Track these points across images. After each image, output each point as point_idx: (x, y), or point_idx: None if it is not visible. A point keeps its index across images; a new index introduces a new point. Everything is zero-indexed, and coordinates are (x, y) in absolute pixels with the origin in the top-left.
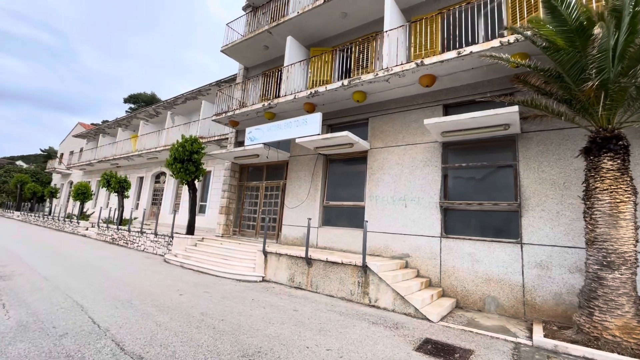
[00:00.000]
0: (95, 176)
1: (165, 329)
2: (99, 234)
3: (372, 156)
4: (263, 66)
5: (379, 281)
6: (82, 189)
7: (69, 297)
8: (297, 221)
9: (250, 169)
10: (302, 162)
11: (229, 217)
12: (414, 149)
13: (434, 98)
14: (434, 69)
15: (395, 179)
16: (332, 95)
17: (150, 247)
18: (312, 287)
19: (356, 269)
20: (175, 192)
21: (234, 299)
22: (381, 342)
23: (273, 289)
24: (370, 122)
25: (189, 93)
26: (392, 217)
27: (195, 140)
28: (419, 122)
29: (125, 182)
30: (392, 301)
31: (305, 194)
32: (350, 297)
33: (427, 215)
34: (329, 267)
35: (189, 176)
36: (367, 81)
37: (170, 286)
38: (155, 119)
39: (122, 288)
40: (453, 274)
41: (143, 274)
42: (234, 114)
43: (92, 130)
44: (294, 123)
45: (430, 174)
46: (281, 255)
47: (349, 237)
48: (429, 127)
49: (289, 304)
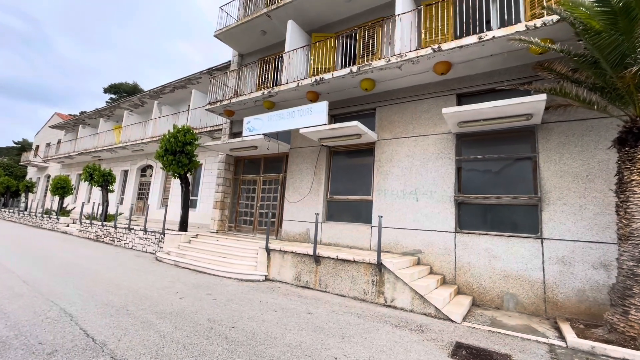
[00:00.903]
0: (74, 169)
1: (171, 340)
2: (82, 230)
3: (380, 148)
4: (259, 53)
5: (395, 280)
6: (62, 183)
7: (54, 305)
8: (298, 216)
9: (246, 162)
10: (303, 155)
11: (224, 212)
12: (426, 141)
13: (446, 87)
14: (451, 55)
15: (406, 172)
16: (339, 83)
17: (139, 244)
18: (321, 287)
19: (370, 267)
20: (163, 186)
21: (241, 301)
22: (413, 350)
23: (279, 289)
24: (377, 112)
25: (178, 81)
26: (402, 211)
27: (188, 130)
28: (431, 113)
29: (109, 175)
30: (411, 301)
31: (308, 188)
32: (364, 296)
33: (440, 209)
34: (339, 265)
35: (182, 169)
36: (377, 68)
37: (168, 288)
38: (140, 109)
39: (115, 292)
40: (469, 271)
41: (135, 274)
42: (230, 103)
43: (70, 121)
44: (298, 112)
45: (443, 167)
46: (286, 253)
47: (356, 233)
48: (447, 117)
49: (300, 306)
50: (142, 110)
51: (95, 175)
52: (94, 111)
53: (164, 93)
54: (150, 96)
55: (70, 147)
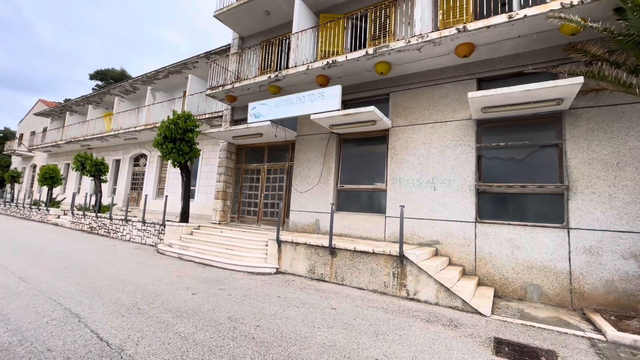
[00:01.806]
0: (62, 159)
1: (194, 343)
2: (74, 222)
3: (395, 135)
4: (261, 35)
5: (418, 272)
6: (50, 173)
7: (58, 304)
8: (307, 206)
9: (248, 150)
10: (311, 142)
11: (226, 202)
12: (444, 127)
13: (466, 71)
14: (476, 37)
15: (422, 160)
16: (352, 66)
17: (137, 236)
18: (337, 279)
19: (390, 258)
20: (158, 176)
21: (257, 296)
22: (454, 348)
23: (293, 282)
24: (391, 98)
25: (172, 66)
26: (418, 201)
27: (189, 116)
28: (449, 98)
29: (102, 165)
30: (435, 294)
31: (317, 177)
32: (384, 289)
33: (460, 198)
34: (357, 257)
35: (182, 157)
36: (396, 49)
37: (177, 283)
38: (132, 95)
39: (121, 288)
40: (490, 262)
41: (139, 268)
42: (233, 88)
43: (56, 108)
44: (308, 97)
45: (463, 155)
46: (299, 245)
47: (369, 223)
48: (472, 102)
49: (321, 301)
50: (134, 96)
51: (87, 164)
52: (81, 97)
53: (158, 78)
54: (142, 82)
55: (57, 136)
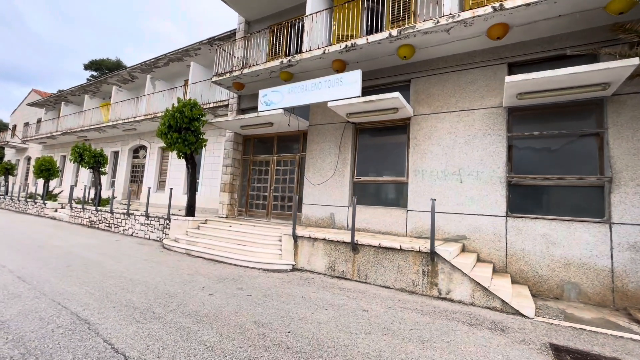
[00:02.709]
0: (57, 150)
1: (223, 354)
2: (73, 216)
3: (417, 124)
4: (269, 20)
5: (450, 270)
6: (46, 165)
7: (64, 308)
8: (321, 200)
9: (255, 141)
10: (325, 132)
11: (233, 195)
12: (471, 116)
13: (496, 55)
14: (513, 16)
15: (447, 150)
16: (373, 49)
17: (140, 231)
18: (360, 277)
19: (419, 255)
20: (159, 168)
21: (279, 297)
22: (513, 356)
23: (313, 280)
24: (412, 85)
25: (173, 53)
26: (443, 194)
27: (195, 104)
28: (477, 84)
29: (101, 156)
30: (471, 293)
31: (331, 169)
32: (413, 288)
33: (489, 191)
34: (381, 253)
35: (188, 148)
36: (422, 31)
37: (190, 282)
38: (130, 84)
39: (130, 288)
40: (522, 258)
41: (146, 266)
42: (242, 74)
43: (51, 98)
44: (325, 83)
45: (492, 145)
46: (317, 240)
47: (389, 217)
48: (509, 86)
49: (349, 302)
50: (132, 85)
51: (85, 155)
52: (77, 87)
53: (157, 66)
54: (141, 70)
55: (53, 127)
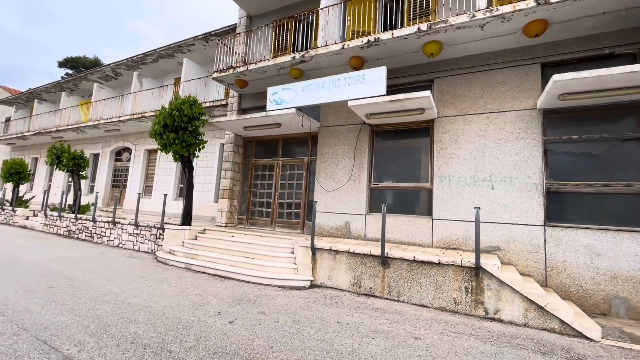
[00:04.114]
0: (28, 152)
1: None
2: (47, 225)
3: (441, 126)
4: (273, 15)
5: (499, 287)
6: (17, 168)
7: (53, 350)
8: (334, 207)
9: (257, 144)
10: (338, 134)
11: (232, 202)
12: (502, 118)
13: (528, 55)
14: (556, 12)
15: (476, 154)
16: (397, 45)
17: (128, 241)
18: (392, 295)
19: (461, 270)
20: (145, 172)
21: (312, 323)
22: None
23: (339, 298)
24: (435, 85)
25: (163, 49)
26: (473, 201)
27: (195, 101)
28: (508, 85)
29: (81, 158)
30: (523, 313)
31: (346, 174)
32: (455, 307)
33: (524, 198)
34: (416, 268)
35: (186, 150)
36: (455, 26)
37: (202, 306)
38: (113, 81)
39: (132, 317)
40: (564, 271)
41: (144, 285)
42: (247, 70)
43: (22, 95)
44: (345, 81)
45: (527, 149)
46: (339, 253)
47: (412, 227)
48: (559, 85)
49: (393, 327)
50: (116, 83)
51: (63, 157)
52: (53, 83)
53: (145, 63)
54: (127, 66)
55: (24, 126)
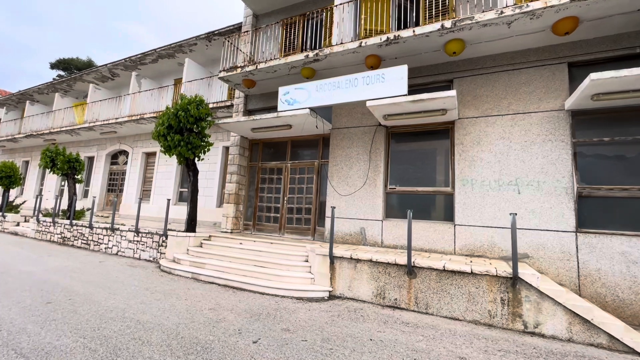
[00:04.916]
0: (19, 155)
1: None
2: (40, 231)
3: (463, 128)
4: (279, 13)
5: (538, 298)
6: (7, 171)
7: None
8: (349, 212)
9: (264, 146)
10: (352, 136)
11: (238, 207)
12: (527, 120)
13: (554, 54)
14: (589, 8)
15: (501, 157)
16: (418, 43)
17: (127, 249)
18: (420, 307)
19: (496, 280)
20: (143, 176)
21: (343, 342)
22: None
23: (363, 311)
24: (455, 85)
25: (164, 49)
26: (498, 206)
27: (201, 101)
28: (533, 85)
29: (77, 161)
30: (567, 327)
31: (360, 178)
32: (490, 320)
33: (553, 203)
34: (446, 278)
35: (192, 152)
36: (481, 23)
37: (218, 322)
38: (110, 82)
39: (144, 337)
40: (599, 280)
41: (151, 298)
42: (256, 69)
43: (13, 96)
44: (363, 80)
45: (555, 151)
46: (359, 262)
47: (433, 233)
48: (595, 84)
49: (432, 345)
50: (112, 84)
51: (58, 160)
52: (46, 84)
53: (144, 63)
54: (125, 67)
55: (15, 128)
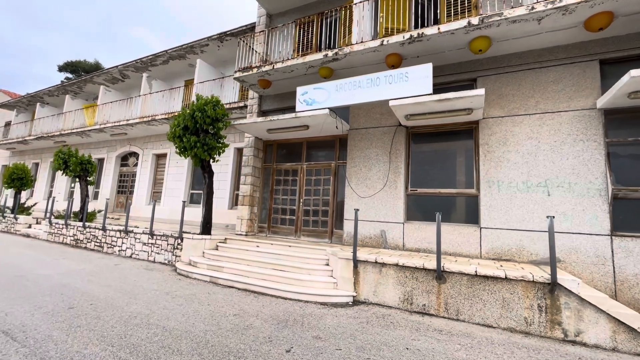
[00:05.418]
0: (29, 157)
1: None
2: (53, 233)
3: (488, 128)
4: (294, 13)
5: (579, 305)
6: (19, 173)
7: None
8: (368, 214)
9: (278, 147)
10: (370, 137)
11: (253, 209)
12: (557, 119)
13: (584, 51)
14: (627, 2)
15: (529, 158)
16: (442, 41)
17: (142, 252)
18: (450, 313)
19: (532, 286)
20: (153, 178)
21: (379, 350)
22: None
23: (391, 317)
24: (479, 84)
25: (175, 50)
26: (526, 208)
27: (217, 102)
28: (563, 83)
29: (89, 163)
30: (611, 335)
31: (380, 179)
32: (526, 328)
33: (586, 206)
34: (477, 283)
35: (208, 154)
36: (510, 19)
37: (246, 329)
38: (120, 84)
39: (173, 345)
40: (636, 285)
41: (173, 303)
42: (273, 69)
43: (24, 98)
44: (385, 79)
45: (586, 152)
46: (385, 266)
47: (457, 236)
48: (636, 81)
49: (471, 355)
50: (122, 85)
51: (71, 162)
52: (57, 86)
53: (155, 64)
54: (135, 68)
55: (25, 131)
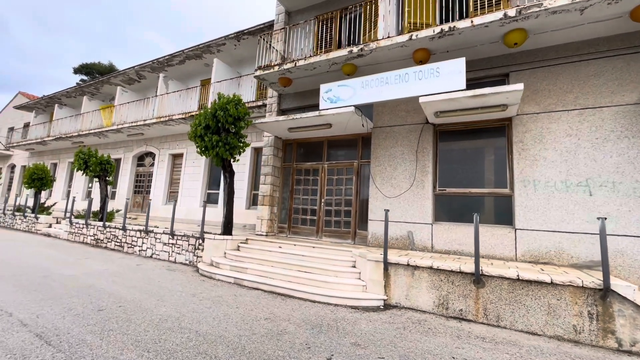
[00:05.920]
0: (47, 158)
1: None
2: (73, 233)
3: (522, 125)
4: (313, 10)
5: (635, 313)
6: (39, 173)
7: None
8: (394, 215)
9: (298, 147)
10: (395, 135)
11: (272, 209)
12: (598, 115)
13: (628, 43)
14: None
15: (567, 156)
16: (474, 35)
17: (162, 252)
18: (489, 319)
19: (581, 292)
20: (170, 178)
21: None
22: None
23: (427, 323)
24: (512, 79)
25: (192, 49)
26: (565, 209)
27: (239, 101)
28: (605, 77)
29: (108, 163)
30: None
31: (406, 179)
32: (575, 336)
33: (632, 206)
34: (519, 288)
35: (229, 153)
36: (551, 10)
37: (280, 335)
38: (136, 85)
39: (209, 351)
40: None
41: (201, 306)
42: (295, 66)
43: (42, 100)
44: (414, 75)
45: (632, 149)
46: (417, 269)
47: (490, 238)
48: None
49: None
50: (138, 86)
51: (91, 162)
52: (74, 88)
53: (171, 64)
54: (152, 68)
55: (44, 131)
